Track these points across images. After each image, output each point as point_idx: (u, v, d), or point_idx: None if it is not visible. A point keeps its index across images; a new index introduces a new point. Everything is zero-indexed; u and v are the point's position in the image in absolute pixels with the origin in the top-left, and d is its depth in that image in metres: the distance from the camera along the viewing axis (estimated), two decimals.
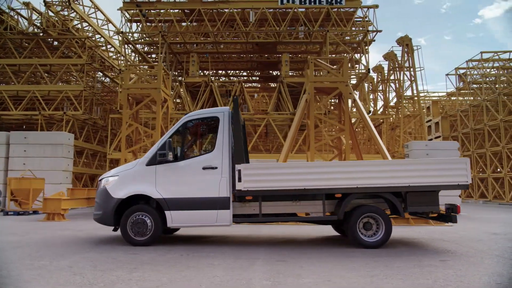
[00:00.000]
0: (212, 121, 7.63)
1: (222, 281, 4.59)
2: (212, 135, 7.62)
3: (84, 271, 5.04)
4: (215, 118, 7.51)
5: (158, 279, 4.68)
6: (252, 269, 5.21)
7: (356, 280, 4.63)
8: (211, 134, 7.70)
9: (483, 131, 31.32)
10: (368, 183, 7.00)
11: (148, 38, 21.11)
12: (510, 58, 32.11)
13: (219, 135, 7.32)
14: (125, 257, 6.00)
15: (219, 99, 19.38)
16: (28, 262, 5.63)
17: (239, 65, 26.71)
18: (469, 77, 35.25)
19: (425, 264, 5.52)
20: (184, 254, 6.33)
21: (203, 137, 8.07)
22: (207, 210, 7.11)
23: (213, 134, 7.53)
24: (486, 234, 9.15)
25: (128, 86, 14.14)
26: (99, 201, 7.41)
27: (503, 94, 28.82)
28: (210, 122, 7.69)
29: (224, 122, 7.38)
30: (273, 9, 20.44)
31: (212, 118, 7.61)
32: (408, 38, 22.09)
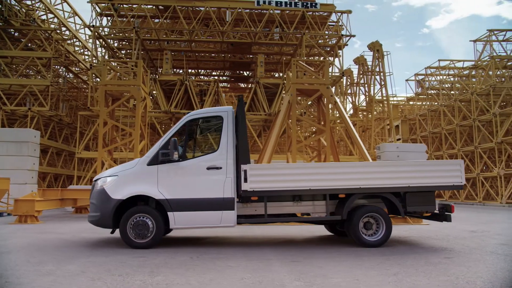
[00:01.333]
0: (215, 120, 7.50)
1: (254, 282, 4.54)
2: (215, 134, 7.48)
3: (101, 276, 4.79)
4: (218, 117, 7.39)
5: (187, 282, 4.54)
6: (273, 270, 5.18)
7: (382, 278, 4.73)
8: (214, 133, 7.56)
9: (440, 135, 33.15)
10: (371, 184, 7.19)
11: (120, 34, 20.37)
12: (464, 67, 34.16)
13: (223, 135, 7.22)
14: (134, 261, 5.76)
15: (195, 98, 19.10)
16: (32, 268, 5.26)
17: (210, 65, 26.46)
18: (427, 83, 37.16)
19: (435, 262, 5.75)
20: (193, 256, 6.18)
21: (206, 136, 7.91)
22: (211, 211, 6.98)
23: (216, 133, 7.40)
24: (465, 232, 9.67)
25: (106, 83, 13.60)
26: (97, 203, 7.06)
27: (459, 100, 30.59)
28: (213, 121, 7.55)
29: (228, 122, 7.29)
30: (249, 10, 20.45)
31: (215, 118, 7.48)
32: (379, 43, 22.93)
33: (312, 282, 4.54)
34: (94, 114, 18.76)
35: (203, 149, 7.72)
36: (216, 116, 7.43)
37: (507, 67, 29.28)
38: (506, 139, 26.02)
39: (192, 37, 20.29)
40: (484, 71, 30.03)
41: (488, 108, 27.83)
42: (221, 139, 7.21)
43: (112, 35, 20.63)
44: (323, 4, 20.78)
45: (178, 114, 19.28)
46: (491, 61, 28.12)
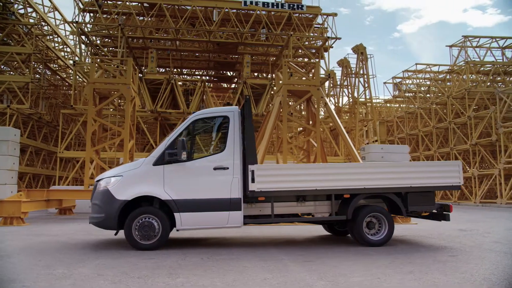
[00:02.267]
0: (221, 120, 7.45)
1: (279, 283, 4.55)
2: (221, 134, 7.44)
3: (121, 279, 4.68)
4: (224, 117, 7.36)
5: (212, 283, 4.50)
6: (291, 270, 5.21)
7: (402, 276, 4.85)
8: (220, 133, 7.52)
9: (417, 136, 34.12)
10: (375, 184, 7.34)
11: (104, 31, 19.89)
12: (440, 71, 35.30)
13: (230, 135, 7.19)
14: (146, 262, 5.66)
15: (182, 98, 18.89)
16: (44, 271, 5.08)
17: (194, 64, 26.24)
18: (404, 86, 38.18)
19: (442, 260, 5.94)
20: (204, 257, 6.13)
21: (212, 136, 7.84)
22: (218, 212, 6.95)
23: (223, 133, 7.37)
24: (455, 231, 9.99)
25: (95, 80, 13.26)
26: (100, 203, 6.90)
27: (435, 103, 31.57)
28: (219, 121, 7.50)
29: (234, 122, 7.26)
30: (236, 10, 20.41)
31: (221, 117, 7.44)
32: (363, 46, 23.38)
33: (336, 282, 4.60)
34: (77, 112, 18.24)
35: (209, 149, 7.65)
36: (222, 116, 7.39)
37: (480, 72, 30.45)
38: (480, 141, 27.07)
39: (178, 36, 20.05)
40: (459, 76, 31.14)
41: (463, 111, 28.88)
42: (228, 139, 7.18)
43: (96, 31, 20.07)
44: (309, 6, 21.02)
45: (164, 113, 19.03)
46: (466, 66, 29.17)
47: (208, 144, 7.71)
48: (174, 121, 19.99)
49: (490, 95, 28.63)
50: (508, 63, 30.25)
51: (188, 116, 19.35)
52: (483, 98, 28.43)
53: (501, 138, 25.14)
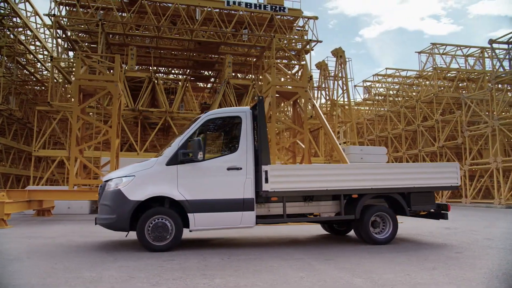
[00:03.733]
0: (233, 120, 7.45)
1: (319, 280, 4.65)
2: (233, 134, 7.44)
3: (158, 281, 4.61)
4: (237, 117, 7.36)
5: (253, 283, 4.53)
6: (320, 269, 5.31)
7: (429, 273, 5.08)
8: (232, 133, 7.51)
9: (386, 138, 35.35)
10: (381, 184, 7.60)
11: (82, 25, 19.18)
12: (408, 76, 36.75)
13: (242, 135, 7.20)
14: (170, 264, 5.59)
15: (164, 96, 18.57)
16: (68, 275, 4.90)
17: (173, 62, 25.85)
18: (374, 89, 39.43)
19: (453, 256, 6.26)
20: (224, 258, 6.12)
21: (224, 136, 7.80)
22: (231, 212, 6.95)
23: (235, 133, 7.37)
24: (441, 229, 10.48)
25: (80, 77, 12.79)
26: (111, 204, 6.69)
27: (404, 107, 32.83)
28: (232, 121, 7.50)
29: (247, 122, 7.28)
30: (219, 9, 20.32)
31: (233, 118, 7.44)
32: (342, 50, 23.95)
33: (372, 278, 4.76)
34: (53, 109, 17.46)
35: (221, 149, 7.62)
36: (235, 116, 7.39)
37: (446, 78, 32.02)
38: (446, 144, 28.47)
39: (159, 33, 19.69)
40: (427, 81, 32.59)
41: (431, 114, 30.25)
42: (241, 140, 7.18)
43: (73, 26, 19.30)
44: (291, 9, 21.29)
45: (146, 112, 18.61)
46: (434, 72, 30.59)
47: (220, 144, 7.67)
48: (155, 120, 19.61)
49: (455, 100, 30.18)
50: (471, 71, 32.01)
51: (170, 115, 18.73)
52: (449, 102, 29.94)
53: (466, 140, 26.57)
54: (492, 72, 25.71)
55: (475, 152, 26.49)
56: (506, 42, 24.37)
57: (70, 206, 15.60)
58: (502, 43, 24.46)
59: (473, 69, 31.93)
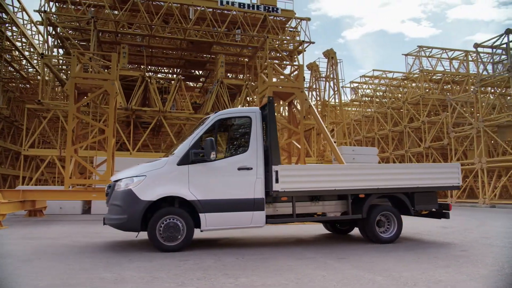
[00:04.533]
0: (243, 120, 7.47)
1: (342, 278, 4.72)
2: (243, 135, 7.46)
3: (183, 281, 4.60)
4: (247, 118, 7.39)
5: (278, 282, 4.57)
6: (337, 267, 5.40)
7: (445, 270, 5.22)
8: (242, 134, 7.53)
9: (373, 139, 35.88)
10: (387, 184, 7.75)
11: (74, 23, 18.83)
12: (394, 77, 37.38)
13: (252, 136, 7.24)
14: (187, 264, 5.58)
15: (157, 96, 18.41)
16: (89, 275, 4.85)
17: (164, 61, 25.63)
18: (361, 90, 39.95)
19: (461, 255, 6.44)
20: (239, 257, 6.14)
21: (233, 136, 7.81)
22: (242, 212, 6.97)
23: (245, 134, 7.39)
24: (439, 228, 10.73)
25: (77, 75, 12.58)
26: (122, 204, 6.62)
27: (391, 108, 33.38)
28: (242, 121, 7.52)
29: (256, 122, 7.32)
30: (212, 9, 20.27)
31: (243, 118, 7.46)
32: (333, 51, 24.21)
33: (392, 276, 4.86)
34: (43, 108, 17.08)
35: (231, 149, 7.62)
36: (245, 116, 7.42)
37: (432, 80, 32.71)
38: (432, 145, 29.09)
39: (152, 32, 19.51)
40: (413, 83, 33.22)
41: (417, 116, 30.85)
42: (251, 140, 7.21)
43: (64, 23, 18.93)
44: (284, 10, 21.40)
45: (139, 111, 18.40)
46: (421, 74, 31.20)
47: (230, 144, 7.67)
48: (148, 120, 19.42)
49: (441, 102, 30.86)
50: (456, 73, 32.80)
51: (163, 114, 18.53)
52: (435, 104, 30.59)
53: (452, 142, 27.22)
54: (477, 75, 26.40)
55: (460, 153, 27.15)
56: (490, 46, 25.03)
57: (62, 207, 15.31)
58: (487, 47, 25.12)
59: (458, 72, 32.72)
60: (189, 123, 20.78)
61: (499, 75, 24.27)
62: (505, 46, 24.24)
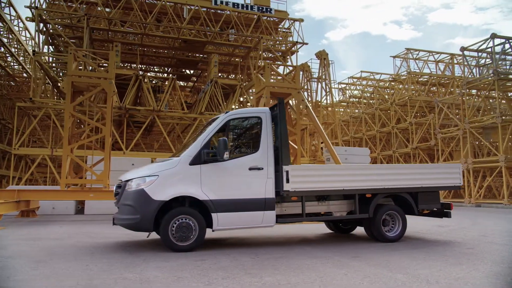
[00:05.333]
0: (254, 121, 7.52)
1: (365, 276, 4.81)
2: (254, 135, 7.50)
3: (210, 281, 4.62)
4: (257, 118, 7.43)
5: (302, 280, 4.63)
6: (355, 265, 5.49)
7: (459, 268, 5.37)
8: (253, 134, 7.57)
9: (361, 139, 36.33)
10: (393, 184, 7.90)
11: (66, 20, 18.48)
12: (382, 79, 37.93)
13: (263, 136, 7.28)
14: (206, 264, 5.59)
15: (151, 95, 18.26)
16: (112, 276, 4.82)
17: (156, 60, 25.41)
18: (348, 91, 40.39)
19: (467, 252, 6.63)
20: (254, 257, 6.18)
21: (245, 136, 7.84)
22: (254, 212, 7.02)
23: (255, 134, 7.44)
24: (435, 227, 10.96)
25: (73, 73, 12.39)
26: (134, 204, 6.58)
27: (379, 109, 33.87)
28: (252, 121, 7.56)
29: (267, 123, 7.37)
30: (206, 8, 20.22)
31: (254, 118, 7.51)
32: (326, 53, 24.45)
33: (412, 274, 4.98)
34: (34, 106, 16.71)
35: (241, 149, 7.64)
36: (256, 116, 7.46)
37: (419, 82, 33.34)
38: (419, 145, 29.67)
39: (146, 30, 19.32)
40: (401, 84, 33.78)
41: (404, 117, 31.40)
42: (261, 140, 7.26)
43: (55, 20, 18.54)
44: (277, 10, 21.50)
45: (132, 110, 18.21)
46: (408, 76, 31.77)
47: (240, 144, 7.69)
48: (141, 119, 19.23)
49: (427, 104, 31.49)
50: (442, 76, 33.53)
51: (157, 113, 18.44)
52: (422, 106, 31.19)
53: (439, 143, 27.82)
54: (464, 78, 27.05)
55: (447, 153, 27.77)
56: (476, 50, 25.68)
57: (55, 207, 15.05)
58: (473, 50, 25.77)
59: (444, 74, 33.45)
60: (181, 122, 20.67)
61: (484, 78, 24.93)
62: (490, 50, 24.92)
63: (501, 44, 24.74)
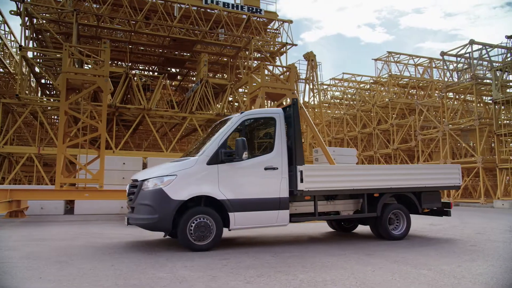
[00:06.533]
0: (268, 121, 7.61)
1: (389, 272, 4.99)
2: (268, 135, 7.59)
3: (249, 280, 4.68)
4: (271, 118, 7.53)
5: (336, 277, 4.76)
6: (374, 263, 5.67)
7: (477, 263, 5.64)
8: (265, 134, 7.66)
9: (343, 140, 36.97)
10: (400, 184, 8.17)
11: (53, 14, 17.96)
12: (363, 81, 38.71)
13: (277, 136, 7.39)
14: (231, 263, 5.65)
15: (142, 93, 18.02)
16: (144, 276, 4.81)
17: (143, 58, 25.04)
18: (330, 92, 41.01)
19: (473, 249, 6.95)
20: (274, 256, 6.28)
21: (259, 136, 7.90)
22: (269, 211, 7.12)
23: (270, 134, 7.53)
24: (428, 225, 11.30)
25: (69, 70, 12.11)
26: (153, 204, 6.54)
27: (361, 110, 34.56)
28: (267, 122, 7.64)
29: (280, 123, 7.49)
30: (197, 7, 20.11)
31: (268, 119, 7.59)
32: (313, 54, 24.75)
33: (434, 269, 5.21)
34: (20, 103, 16.14)
35: (256, 149, 7.71)
36: (270, 117, 7.56)
37: (399, 85, 34.26)
38: (400, 146, 30.48)
39: (135, 28, 19.04)
40: (382, 86, 34.61)
41: (386, 118, 32.19)
42: (275, 140, 7.37)
43: (42, 14, 17.96)
44: (267, 11, 21.63)
45: (123, 109, 17.88)
46: (389, 79, 32.58)
47: (254, 144, 7.75)
48: (129, 118, 18.93)
49: (407, 105, 32.40)
50: (421, 79, 34.57)
51: (147, 112, 18.29)
52: (402, 108, 32.07)
53: (419, 144, 28.69)
54: (444, 81, 28.01)
55: (427, 154, 28.67)
56: (455, 55, 26.64)
57: (43, 207, 14.65)
58: (452, 55, 26.70)
59: (423, 78, 34.50)
60: (170, 121, 20.49)
61: (462, 83, 25.91)
62: (469, 56, 25.92)
63: (478, 50, 25.81)
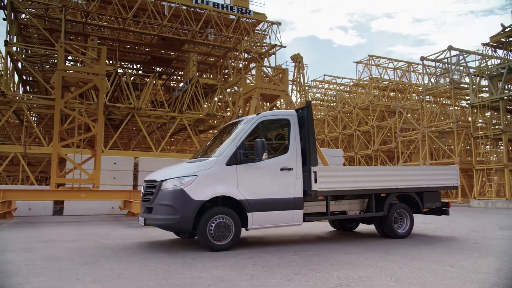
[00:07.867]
0: (282, 122, 7.74)
1: (419, 269, 5.23)
2: (283, 136, 7.72)
3: (289, 278, 4.80)
4: (286, 120, 7.68)
5: (370, 274, 4.95)
6: (394, 260, 5.91)
7: (489, 260, 5.98)
8: (281, 135, 7.79)
9: (323, 141, 37.57)
10: (405, 185, 8.50)
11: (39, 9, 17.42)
12: (343, 83, 39.47)
13: (292, 137, 7.55)
14: (260, 262, 5.76)
15: (132, 91, 17.77)
16: (181, 276, 4.85)
17: (129, 56, 24.62)
18: (311, 94, 41.59)
19: (476, 247, 7.33)
20: (295, 255, 6.41)
21: (274, 137, 8.00)
22: (284, 211, 7.27)
23: (284, 135, 7.67)
24: (421, 224, 11.69)
25: (65, 68, 11.84)
26: (175, 204, 6.55)
27: (342, 112, 35.24)
28: (282, 123, 7.77)
29: (294, 125, 7.65)
30: (187, 7, 20.01)
31: (283, 120, 7.73)
32: (300, 56, 25.08)
33: (456, 266, 5.49)
34: (5, 100, 15.55)
35: (272, 150, 7.82)
36: (284, 119, 7.70)
37: (379, 87, 35.16)
38: (381, 147, 31.31)
39: (124, 26, 18.74)
40: (363, 89, 35.42)
41: (366, 120, 32.97)
42: (290, 141, 7.53)
43: (30, 9, 17.40)
44: (256, 13, 21.77)
45: (112, 108, 17.55)
46: (370, 81, 33.39)
47: (272, 145, 7.85)
48: (117, 117, 18.61)
49: (387, 108, 33.31)
50: (400, 82, 35.61)
51: (137, 111, 18.14)
52: (382, 110, 32.94)
53: (399, 145, 29.56)
54: (423, 85, 28.98)
55: (406, 156, 29.59)
56: (434, 60, 27.63)
57: (32, 208, 14.24)
58: (431, 60, 27.67)
59: (402, 81, 35.56)
60: (158, 121, 20.29)
61: (441, 87, 26.92)
62: (447, 61, 26.96)
63: (456, 56, 26.88)
